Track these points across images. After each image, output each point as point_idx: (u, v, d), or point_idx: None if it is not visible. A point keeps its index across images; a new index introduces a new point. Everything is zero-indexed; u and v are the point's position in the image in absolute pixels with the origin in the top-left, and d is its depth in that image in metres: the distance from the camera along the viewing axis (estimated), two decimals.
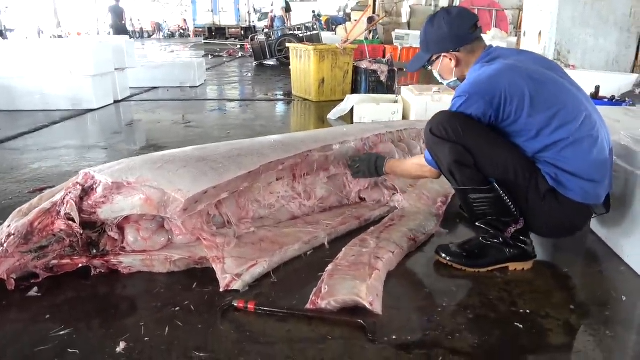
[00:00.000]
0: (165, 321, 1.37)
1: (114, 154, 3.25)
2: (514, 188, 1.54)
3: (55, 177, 2.69)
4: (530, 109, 1.48)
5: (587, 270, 1.72)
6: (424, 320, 1.39)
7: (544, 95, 1.49)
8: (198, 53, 13.71)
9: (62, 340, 1.29)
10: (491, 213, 1.59)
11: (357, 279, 1.48)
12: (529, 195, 1.54)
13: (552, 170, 1.51)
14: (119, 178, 1.57)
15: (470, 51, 1.67)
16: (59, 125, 4.23)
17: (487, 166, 1.54)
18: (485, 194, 1.56)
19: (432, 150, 1.63)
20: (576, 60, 4.81)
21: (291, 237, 1.79)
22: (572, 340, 1.31)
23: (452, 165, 1.57)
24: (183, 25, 32.83)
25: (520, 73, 1.52)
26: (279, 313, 1.40)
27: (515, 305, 1.45)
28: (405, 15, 12.56)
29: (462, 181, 1.58)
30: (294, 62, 5.88)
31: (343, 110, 4.38)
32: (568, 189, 1.51)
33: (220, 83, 7.65)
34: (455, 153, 1.54)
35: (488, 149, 1.53)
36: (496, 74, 1.53)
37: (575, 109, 1.51)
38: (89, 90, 4.87)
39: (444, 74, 1.75)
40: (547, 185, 1.52)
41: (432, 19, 1.70)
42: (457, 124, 1.53)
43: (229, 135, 3.82)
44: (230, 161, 1.75)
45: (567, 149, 1.48)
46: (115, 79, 5.43)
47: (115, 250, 1.62)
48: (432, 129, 1.59)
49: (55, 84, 4.80)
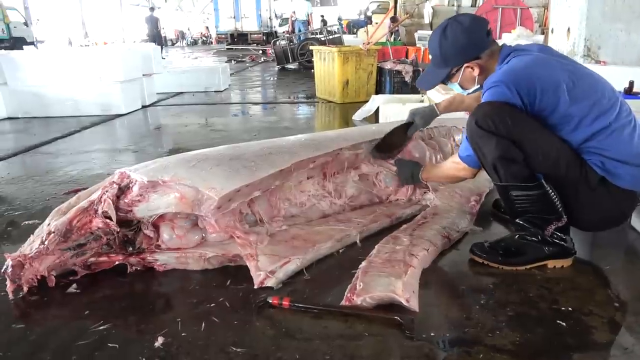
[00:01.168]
0: (201, 317, 1.38)
1: (144, 156, 3.31)
2: (563, 183, 1.50)
3: (89, 179, 2.75)
4: (568, 99, 1.45)
5: (629, 266, 1.66)
6: (462, 317, 1.36)
7: (580, 84, 1.47)
8: (221, 59, 13.89)
9: (102, 334, 1.31)
10: (534, 210, 1.54)
11: (392, 276, 1.47)
12: (580, 188, 1.49)
13: (598, 159, 1.47)
14: (154, 177, 1.59)
15: (490, 56, 1.62)
16: (89, 130, 4.34)
17: (537, 161, 1.48)
18: (530, 190, 1.51)
19: (475, 144, 1.55)
20: (607, 56, 4.68)
21: (323, 235, 1.78)
22: (619, 338, 1.27)
23: (497, 160, 1.50)
24: (205, 32, 33.33)
25: (554, 64, 1.52)
26: (314, 310, 1.39)
27: (557, 303, 1.41)
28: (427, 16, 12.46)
29: (506, 177, 1.52)
30: (318, 64, 5.89)
31: (368, 111, 4.36)
32: (617, 177, 1.47)
33: (244, 87, 7.74)
34: (502, 148, 1.48)
35: (539, 143, 1.47)
36: (531, 64, 1.50)
37: (611, 97, 1.50)
38: (117, 96, 4.98)
39: (466, 84, 1.70)
40: (597, 175, 1.48)
41: (443, 31, 1.62)
42: (506, 116, 1.46)
43: (255, 137, 3.84)
44: (262, 159, 1.76)
45: (610, 136, 1.46)
46: (143, 85, 5.55)
47: (150, 248, 1.64)
48: (478, 121, 1.50)
49: (86, 91, 4.92)
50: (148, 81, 5.69)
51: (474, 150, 1.59)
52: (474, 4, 12.68)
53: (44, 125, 4.52)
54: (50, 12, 22.56)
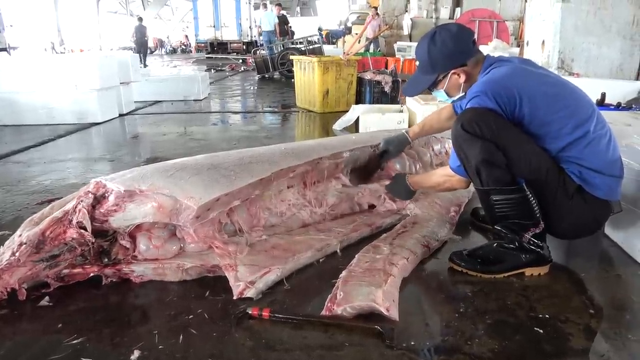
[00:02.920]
0: (179, 329, 1.35)
1: (120, 165, 3.25)
2: (543, 189, 1.53)
3: (63, 189, 2.69)
4: (546, 108, 1.50)
5: (603, 274, 1.70)
6: (442, 325, 1.37)
7: (558, 94, 1.52)
8: (201, 67, 13.81)
9: (75, 349, 1.27)
10: (513, 215, 1.57)
11: (372, 285, 1.47)
12: (557, 195, 1.53)
13: (575, 169, 1.52)
14: (131, 186, 1.56)
15: (475, 63, 1.66)
16: (64, 139, 4.25)
17: (519, 166, 1.51)
18: (510, 194, 1.54)
19: (459, 148, 1.57)
20: (580, 68, 4.83)
21: (303, 245, 1.78)
22: (595, 345, 1.29)
23: (481, 164, 1.52)
24: (185, 40, 33.14)
25: (532, 74, 1.58)
26: (294, 320, 1.38)
27: (534, 310, 1.44)
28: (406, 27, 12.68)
29: (488, 181, 1.54)
30: (298, 74, 5.91)
31: (348, 121, 4.39)
32: (594, 186, 1.51)
33: (224, 96, 7.70)
34: (486, 151, 1.50)
35: (521, 149, 1.50)
36: (509, 74, 1.55)
37: (588, 107, 1.54)
38: (94, 104, 4.89)
39: (452, 91, 1.72)
40: (574, 184, 1.52)
41: (432, 38, 1.65)
42: (491, 121, 1.49)
43: (235, 146, 3.82)
44: (241, 168, 1.75)
45: (588, 146, 1.50)
46: (120, 93, 5.47)
47: (127, 259, 1.61)
48: (464, 125, 1.53)
49: (61, 98, 4.82)
50: (126, 89, 5.62)
51: (457, 155, 1.61)
52: (451, 17, 12.97)
53: (16, 134, 4.41)
54: (24, 18, 22.12)
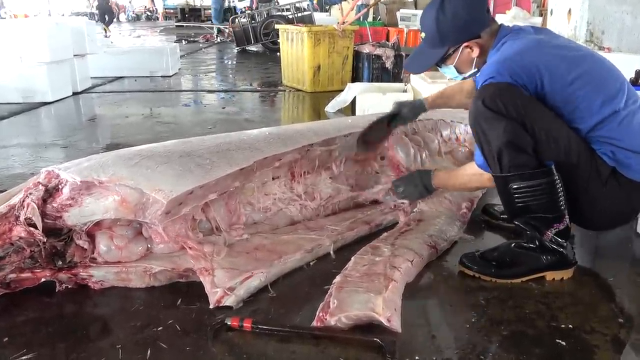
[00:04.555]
0: (146, 343, 1.36)
1: (75, 152, 3.25)
2: (573, 174, 1.56)
3: (7, 180, 2.68)
4: (570, 85, 1.52)
5: (634, 278, 1.74)
6: (451, 337, 1.39)
7: (582, 68, 1.55)
8: (169, 38, 13.71)
9: None
10: (535, 207, 1.58)
11: (370, 292, 1.49)
12: (590, 181, 1.56)
13: (608, 149, 1.55)
14: (89, 176, 1.56)
15: (490, 34, 1.69)
16: (7, 121, 4.23)
17: (548, 148, 1.53)
18: (535, 180, 1.53)
19: (479, 128, 1.57)
20: (611, 42, 4.87)
21: (291, 245, 1.79)
22: (623, 358, 1.33)
23: (504, 146, 1.52)
24: (150, 6, 32.80)
25: (552, 47, 1.60)
26: (280, 332, 1.39)
27: (556, 320, 1.46)
28: None
29: (509, 167, 1.54)
30: (285, 46, 5.90)
31: (343, 102, 4.40)
32: (628, 168, 1.55)
33: (197, 72, 7.67)
34: (511, 132, 1.50)
35: (550, 128, 1.52)
36: (525, 49, 1.57)
37: (617, 81, 1.58)
38: (43, 80, 4.85)
39: (463, 67, 1.75)
40: (608, 167, 1.55)
41: (441, 5, 1.65)
42: (516, 96, 1.51)
43: (211, 131, 3.82)
44: (218, 156, 1.75)
45: (620, 124, 1.53)
46: (74, 67, 5.43)
47: (84, 261, 1.61)
48: (485, 101, 1.53)
49: (3, 73, 4.77)
50: (80, 63, 5.58)
51: (475, 135, 1.61)
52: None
53: None
54: None
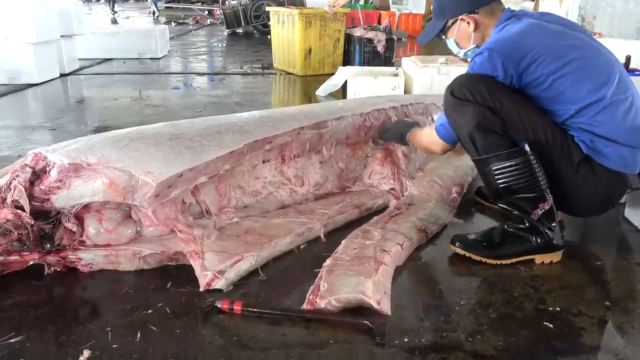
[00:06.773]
0: (136, 326, 1.36)
1: (63, 135, 3.22)
2: (544, 154, 1.59)
3: None
4: (560, 70, 1.55)
5: (622, 262, 1.76)
6: (440, 320, 1.40)
7: (575, 55, 1.57)
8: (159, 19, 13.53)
9: (13, 349, 1.27)
10: (517, 187, 1.60)
11: (361, 275, 1.49)
12: (562, 165, 1.59)
13: (586, 137, 1.57)
14: (77, 158, 1.54)
15: (489, 13, 1.74)
16: None
17: (517, 128, 1.58)
18: (511, 160, 1.58)
19: (451, 117, 1.67)
20: (603, 27, 4.88)
21: (281, 229, 1.79)
22: (610, 341, 1.34)
23: (474, 129, 1.59)
24: None
25: (549, 32, 1.63)
26: (270, 315, 1.40)
27: (544, 303, 1.48)
28: None
29: (485, 148, 1.60)
30: (275, 29, 5.85)
31: (334, 85, 4.38)
32: (604, 156, 1.57)
33: (187, 54, 7.61)
34: (478, 115, 1.58)
35: (517, 111, 1.58)
36: (523, 31, 1.60)
37: (607, 70, 1.60)
38: (29, 61, 4.78)
39: (461, 41, 1.82)
40: (581, 154, 1.58)
41: None
42: (482, 86, 1.58)
43: (201, 114, 3.79)
44: (208, 139, 1.74)
45: (602, 112, 1.55)
46: (62, 48, 5.36)
47: (73, 244, 1.60)
48: (454, 91, 1.63)
49: None
50: (68, 44, 5.50)
51: (450, 125, 1.70)
52: None
53: None
54: None
